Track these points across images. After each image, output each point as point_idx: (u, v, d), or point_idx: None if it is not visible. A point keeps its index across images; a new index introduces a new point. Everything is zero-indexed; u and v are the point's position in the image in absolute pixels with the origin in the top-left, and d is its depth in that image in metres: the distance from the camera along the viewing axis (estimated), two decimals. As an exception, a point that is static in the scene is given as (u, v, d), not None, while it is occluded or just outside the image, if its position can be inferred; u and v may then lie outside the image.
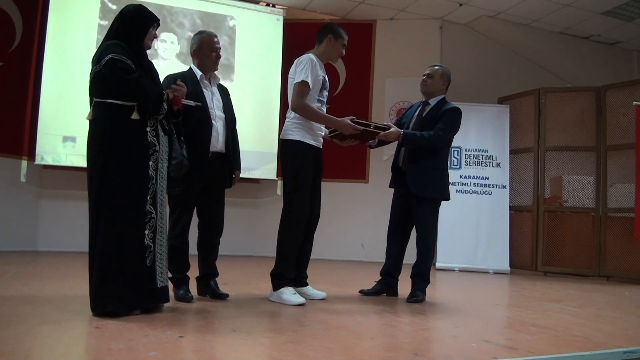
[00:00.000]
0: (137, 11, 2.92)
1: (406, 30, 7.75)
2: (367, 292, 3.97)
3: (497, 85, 7.54)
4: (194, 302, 3.28)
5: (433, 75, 3.99)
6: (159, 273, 2.84)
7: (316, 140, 3.61)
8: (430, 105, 3.99)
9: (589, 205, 6.45)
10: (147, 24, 2.92)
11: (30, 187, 6.52)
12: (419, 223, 3.88)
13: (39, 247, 6.50)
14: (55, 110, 6.30)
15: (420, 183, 3.81)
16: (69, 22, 6.54)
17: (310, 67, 3.48)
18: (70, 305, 2.95)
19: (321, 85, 3.60)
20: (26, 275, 4.31)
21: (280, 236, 3.51)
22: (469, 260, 6.66)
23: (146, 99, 2.77)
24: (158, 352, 2.07)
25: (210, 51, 3.52)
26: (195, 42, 3.56)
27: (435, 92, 4.00)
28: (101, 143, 2.74)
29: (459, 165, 6.87)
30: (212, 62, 3.55)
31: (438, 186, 3.86)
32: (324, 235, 5.37)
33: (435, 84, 3.99)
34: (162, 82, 3.20)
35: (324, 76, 3.65)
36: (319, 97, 3.60)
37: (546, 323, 3.08)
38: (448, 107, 3.92)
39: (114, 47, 2.79)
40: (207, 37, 3.56)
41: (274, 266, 3.50)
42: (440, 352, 2.40)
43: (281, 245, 3.49)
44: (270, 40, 7.46)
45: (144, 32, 2.91)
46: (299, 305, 3.32)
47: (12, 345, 2.06)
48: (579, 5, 6.86)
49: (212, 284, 3.50)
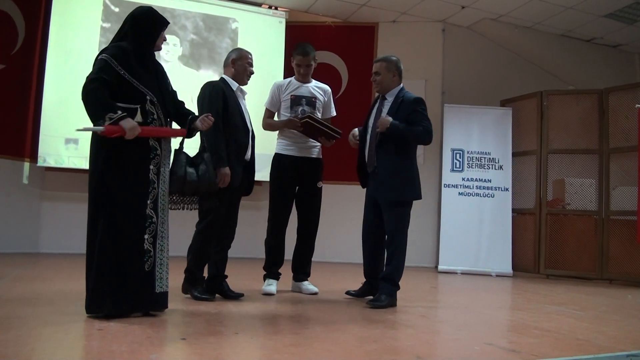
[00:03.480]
0: (148, 14, 2.92)
1: (408, 32, 7.74)
2: (353, 294, 3.94)
3: (500, 88, 7.53)
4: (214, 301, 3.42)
5: (379, 72, 3.83)
6: (158, 279, 2.82)
7: (300, 151, 4.08)
8: (388, 99, 3.82)
9: (592, 208, 6.43)
10: (159, 27, 2.93)
11: (33, 189, 6.53)
12: (387, 227, 3.71)
13: (41, 249, 6.50)
14: (57, 112, 6.30)
15: (385, 187, 3.67)
16: (72, 24, 6.54)
17: (270, 93, 4.24)
18: (72, 307, 2.95)
19: (290, 104, 4.11)
20: (28, 277, 4.32)
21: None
22: (471, 262, 6.64)
23: (86, 108, 2.69)
24: (160, 354, 2.07)
25: (248, 65, 3.75)
26: (234, 54, 3.76)
27: (390, 86, 3.83)
28: (102, 144, 2.72)
29: (461, 168, 6.86)
30: (247, 75, 3.78)
31: (408, 187, 3.68)
32: (328, 238, 5.37)
33: (384, 79, 3.82)
34: (204, 90, 3.55)
35: (294, 94, 4.12)
36: (291, 114, 4.07)
37: (549, 326, 3.08)
38: (411, 99, 3.72)
39: (114, 48, 2.79)
40: (245, 52, 3.80)
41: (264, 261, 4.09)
42: (443, 356, 2.39)
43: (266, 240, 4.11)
44: (273, 43, 7.46)
45: (156, 35, 2.92)
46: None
47: (14, 348, 2.06)
48: (582, 8, 6.85)
49: (225, 285, 3.64)
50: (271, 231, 4.07)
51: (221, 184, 3.36)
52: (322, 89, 4.24)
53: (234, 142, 3.52)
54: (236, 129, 3.55)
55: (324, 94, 4.22)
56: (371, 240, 3.89)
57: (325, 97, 4.23)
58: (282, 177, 4.06)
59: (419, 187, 3.75)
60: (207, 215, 3.49)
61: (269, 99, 4.23)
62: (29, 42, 6.50)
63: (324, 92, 4.23)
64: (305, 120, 3.88)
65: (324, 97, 4.22)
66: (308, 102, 4.12)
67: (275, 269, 4.07)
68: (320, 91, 4.21)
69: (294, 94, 4.13)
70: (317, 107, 4.16)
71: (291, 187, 4.09)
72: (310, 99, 4.14)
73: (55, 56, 6.42)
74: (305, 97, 4.13)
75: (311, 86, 4.20)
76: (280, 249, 4.09)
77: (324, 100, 4.21)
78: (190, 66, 7.02)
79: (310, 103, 4.13)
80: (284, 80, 4.27)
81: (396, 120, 3.63)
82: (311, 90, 4.17)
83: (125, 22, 2.93)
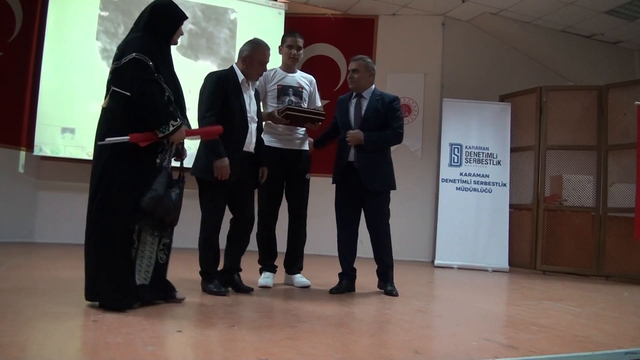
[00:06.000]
0: (169, 7, 2.92)
1: (408, 26, 7.71)
2: (337, 291, 3.83)
3: (499, 83, 7.51)
4: (229, 294, 3.38)
5: (359, 70, 3.92)
6: (138, 271, 2.81)
7: (284, 143, 4.04)
8: (365, 98, 3.94)
9: (589, 205, 6.44)
10: (178, 21, 2.93)
11: (29, 178, 6.48)
12: (376, 214, 3.90)
13: (37, 238, 6.46)
14: (54, 101, 6.22)
15: (374, 178, 3.86)
16: (70, 12, 6.48)
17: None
18: (67, 298, 2.93)
19: (277, 94, 4.07)
20: (23, 266, 4.29)
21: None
22: (468, 257, 6.65)
23: (150, 113, 2.70)
24: (156, 346, 2.05)
25: (259, 65, 3.61)
26: (247, 50, 3.61)
27: (365, 85, 3.95)
28: (110, 132, 2.69)
29: (459, 163, 6.85)
30: (257, 74, 3.65)
31: (389, 178, 3.94)
32: (322, 231, 5.34)
33: (362, 77, 3.93)
34: (206, 81, 3.48)
35: (281, 84, 4.08)
36: (279, 104, 4.02)
37: (547, 322, 3.07)
38: (390, 98, 3.94)
39: (139, 43, 2.74)
40: (261, 50, 3.62)
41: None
42: (441, 351, 2.38)
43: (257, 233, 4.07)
44: (272, 34, 7.35)
45: (175, 29, 2.92)
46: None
47: (9, 338, 2.04)
48: (582, 3, 6.82)
49: (237, 278, 3.62)
50: (262, 224, 4.04)
51: (218, 175, 3.32)
52: (307, 79, 4.23)
53: (230, 136, 3.39)
54: (233, 123, 3.42)
55: (309, 84, 4.22)
56: (353, 236, 4.00)
57: (311, 87, 4.22)
58: (271, 169, 3.92)
59: (395, 179, 4.04)
60: (202, 211, 3.52)
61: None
62: (26, 30, 6.44)
63: (309, 82, 4.23)
64: (286, 112, 3.84)
65: (310, 87, 4.21)
66: (295, 92, 4.09)
67: (270, 261, 4.06)
68: (306, 81, 4.20)
69: (280, 83, 4.09)
70: (304, 97, 4.14)
71: (279, 179, 4.05)
72: (297, 89, 4.11)
73: (52, 44, 6.35)
74: (292, 87, 4.10)
75: (297, 76, 4.18)
76: (271, 241, 4.08)
77: (310, 90, 4.20)
78: (189, 56, 6.96)
79: (297, 93, 4.11)
80: (269, 70, 4.05)
81: (372, 117, 3.86)
82: (298, 80, 4.14)
83: (143, 13, 2.90)
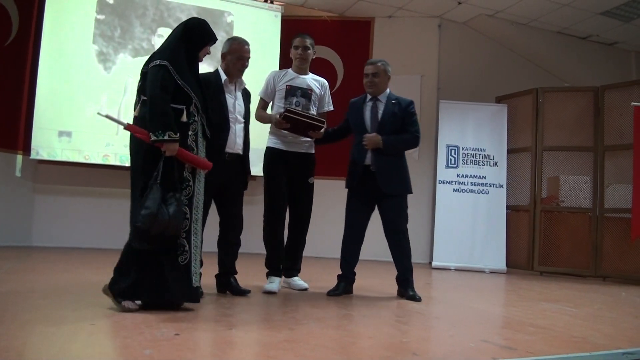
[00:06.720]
0: (203, 24, 3.07)
1: (404, 28, 7.73)
2: (333, 293, 3.82)
3: (495, 85, 7.53)
4: (203, 297, 3.30)
5: (379, 74, 3.91)
6: (194, 273, 2.91)
7: (289, 146, 3.96)
8: (382, 102, 3.93)
9: (586, 206, 6.45)
10: (208, 39, 3.07)
11: (25, 182, 6.47)
12: (396, 216, 3.88)
13: (34, 242, 6.44)
14: (51, 104, 6.21)
15: (391, 182, 3.85)
16: (66, 16, 6.47)
17: (265, 81, 4.11)
18: (65, 302, 2.93)
19: (285, 94, 3.99)
20: (20, 270, 4.28)
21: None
22: (465, 259, 6.65)
23: (150, 116, 2.78)
24: (153, 350, 2.05)
25: (237, 59, 3.60)
26: (224, 47, 3.64)
27: (383, 89, 3.95)
28: (141, 142, 2.81)
29: (456, 164, 6.87)
30: (238, 70, 3.62)
31: (406, 182, 3.93)
32: (322, 234, 5.34)
33: (382, 81, 3.93)
34: None
35: (290, 84, 4.01)
36: (285, 105, 3.93)
37: (544, 323, 3.07)
38: (406, 102, 3.94)
39: (167, 52, 2.91)
40: (236, 45, 3.63)
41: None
42: (438, 352, 2.38)
43: (264, 236, 4.00)
44: (268, 37, 7.42)
45: (202, 45, 3.06)
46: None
47: (6, 342, 2.03)
48: (578, 5, 6.85)
49: (233, 281, 3.60)
50: (269, 226, 3.95)
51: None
52: (319, 82, 4.16)
53: (209, 138, 3.21)
54: (210, 126, 3.21)
55: (320, 87, 4.14)
56: (359, 240, 3.98)
57: (321, 90, 4.15)
58: (276, 170, 3.95)
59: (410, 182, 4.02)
60: None
61: (263, 87, 4.11)
62: (22, 33, 6.44)
63: (320, 85, 4.16)
64: (284, 114, 3.75)
65: (321, 90, 4.14)
66: (303, 94, 4.03)
67: (277, 265, 3.95)
68: (317, 84, 4.13)
69: (289, 84, 4.02)
70: (313, 100, 4.06)
71: (285, 180, 3.98)
72: (306, 91, 4.04)
73: (49, 48, 6.35)
74: (301, 89, 4.02)
75: (308, 78, 4.11)
76: (280, 244, 3.99)
77: (320, 93, 4.13)
78: (185, 59, 6.95)
79: (306, 95, 4.03)
80: (280, 70, 4.10)
81: (389, 121, 3.85)
82: (308, 82, 4.07)
83: (177, 28, 3.06)
